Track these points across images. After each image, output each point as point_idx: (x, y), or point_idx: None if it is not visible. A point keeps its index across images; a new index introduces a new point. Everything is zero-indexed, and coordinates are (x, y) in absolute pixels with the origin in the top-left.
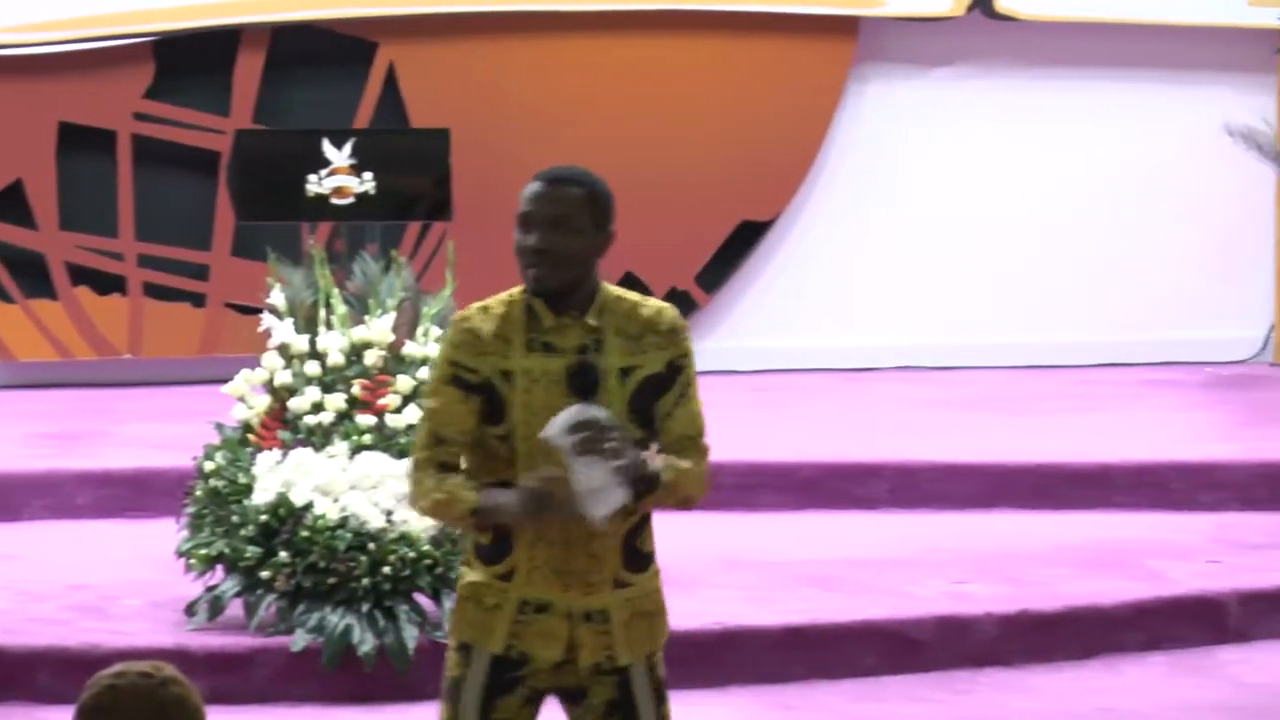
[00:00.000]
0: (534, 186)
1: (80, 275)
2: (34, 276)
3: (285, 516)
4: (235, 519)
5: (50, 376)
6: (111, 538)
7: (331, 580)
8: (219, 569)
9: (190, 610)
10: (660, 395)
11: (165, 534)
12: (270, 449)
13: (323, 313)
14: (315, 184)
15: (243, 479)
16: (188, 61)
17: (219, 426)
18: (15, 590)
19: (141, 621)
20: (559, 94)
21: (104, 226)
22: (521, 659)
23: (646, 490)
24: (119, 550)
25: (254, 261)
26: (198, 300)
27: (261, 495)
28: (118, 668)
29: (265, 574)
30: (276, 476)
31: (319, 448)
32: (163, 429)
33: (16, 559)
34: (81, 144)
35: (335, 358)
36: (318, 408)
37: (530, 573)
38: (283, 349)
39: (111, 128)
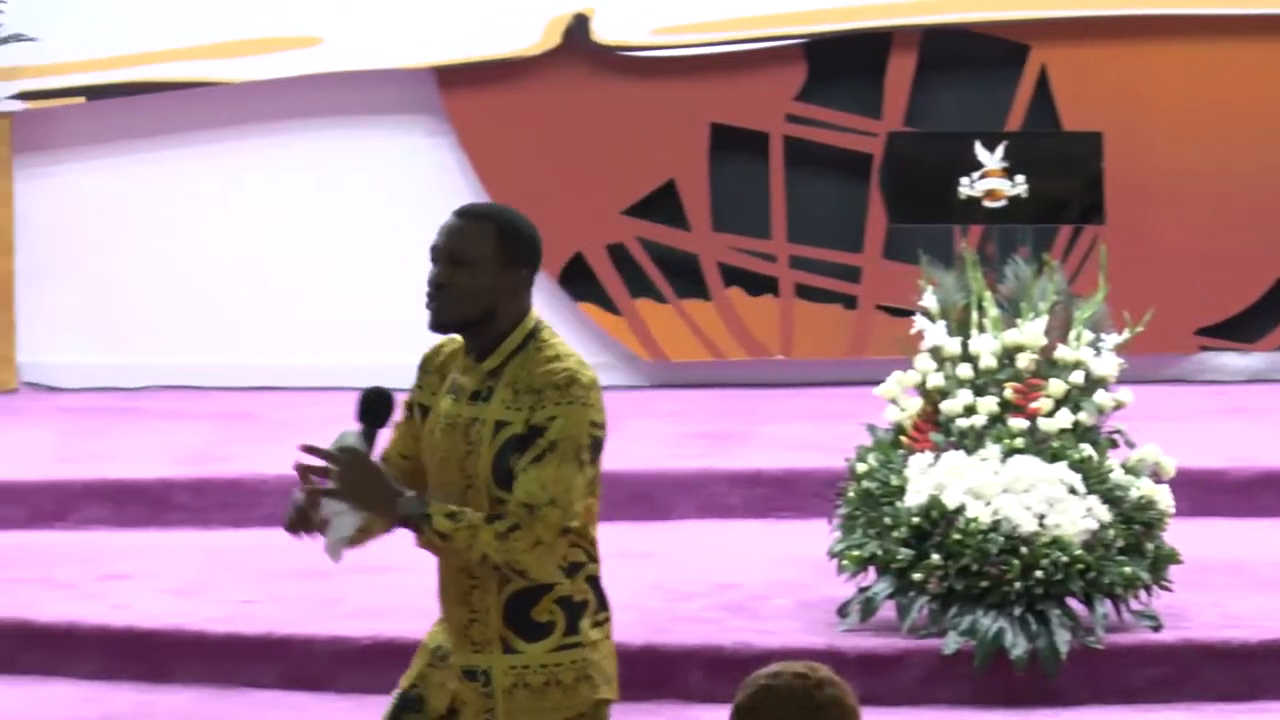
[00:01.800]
0: (447, 219)
1: (733, 276)
2: (687, 277)
3: (937, 519)
4: (887, 521)
5: (702, 376)
6: (760, 537)
7: (983, 583)
8: (870, 570)
9: (843, 611)
10: (516, 455)
11: (812, 534)
12: (922, 451)
13: (975, 316)
14: (967, 187)
15: (895, 481)
16: (839, 63)
17: (871, 428)
18: (665, 589)
19: (792, 621)
20: (1211, 98)
21: (756, 228)
22: (419, 701)
23: (416, 531)
24: (767, 550)
25: (905, 264)
26: (849, 302)
27: (914, 497)
28: (773, 668)
29: (917, 576)
30: (929, 479)
31: (971, 450)
32: (811, 429)
33: (666, 558)
34: (734, 145)
35: (987, 361)
36: (970, 410)
37: (443, 622)
38: (935, 351)
39: (764, 129)
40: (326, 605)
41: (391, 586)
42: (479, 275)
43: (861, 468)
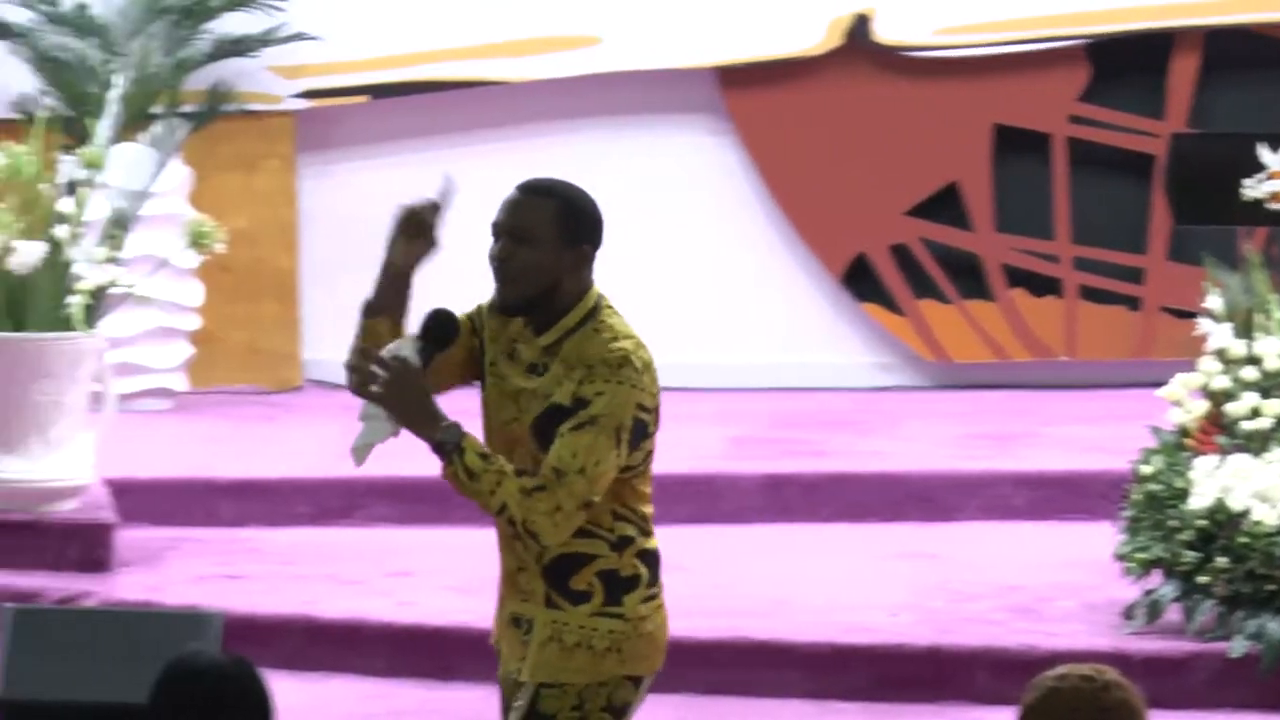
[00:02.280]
0: (508, 194)
1: (1016, 277)
2: (970, 278)
3: (1223, 522)
4: (1173, 523)
5: (985, 377)
6: (1045, 539)
7: (1270, 587)
8: (1156, 573)
9: (1128, 614)
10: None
11: (1098, 536)
12: (1207, 454)
13: (1260, 318)
14: (1251, 188)
15: (1179, 483)
16: (1121, 64)
17: (1155, 430)
18: (950, 590)
19: (1077, 623)
20: None
21: (1039, 229)
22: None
23: (443, 458)
24: (1052, 552)
25: (1189, 265)
26: (1132, 303)
27: (1199, 500)
28: (1060, 670)
29: (1203, 579)
30: (1214, 482)
31: (1257, 453)
32: (1095, 431)
33: (951, 559)
34: (1017, 146)
35: (1273, 363)
36: (1255, 413)
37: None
38: (1220, 354)
39: (1046, 130)
40: None
41: (678, 585)
42: (540, 251)
43: (1146, 470)
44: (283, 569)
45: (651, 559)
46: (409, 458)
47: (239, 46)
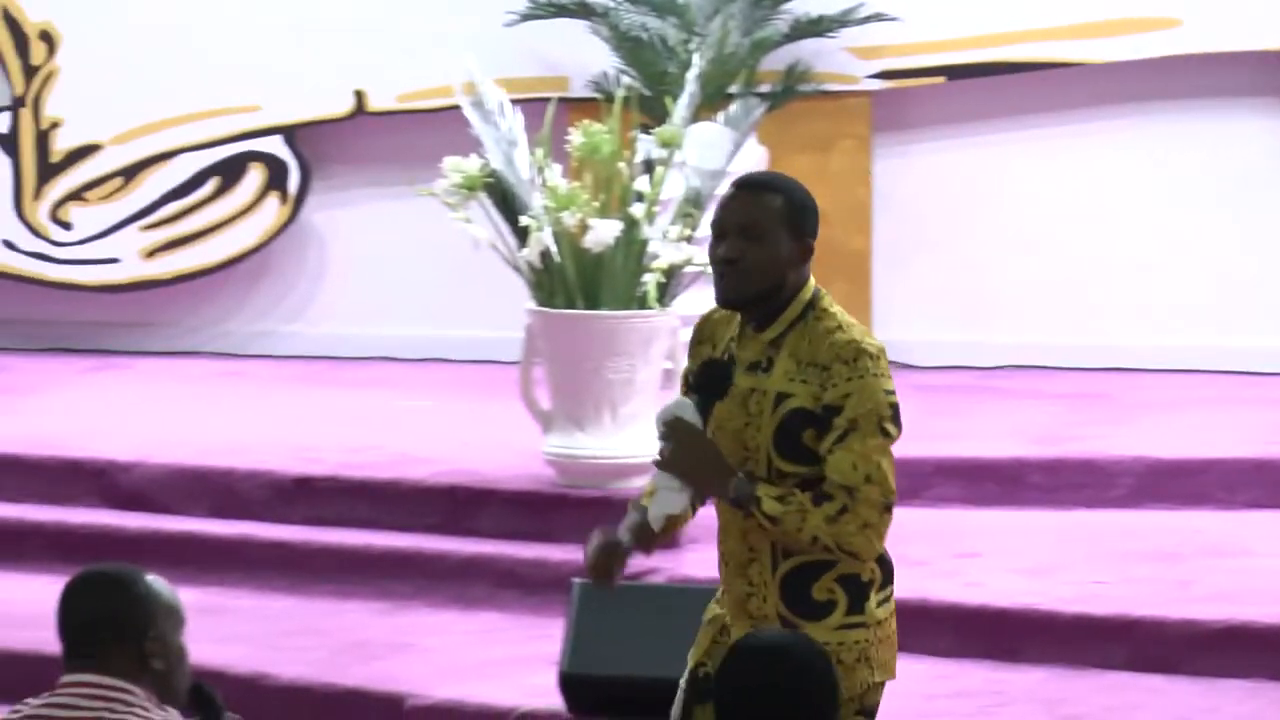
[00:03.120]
0: (729, 192)
1: None
2: None
3: None
4: None
5: None
6: None
7: None
8: None
9: None
10: (809, 431)
11: None
12: None
13: None
14: None
15: None
16: None
17: None
18: None
19: None
20: None
21: None
22: (709, 679)
23: (744, 513)
24: None
25: None
26: None
27: None
28: None
29: None
30: None
31: None
32: None
33: None
34: None
35: None
36: None
37: (724, 595)
38: None
39: None
40: (1179, 587)
41: (1246, 570)
42: (771, 247)
43: None
44: None
45: (883, 559)
46: (971, 438)
47: (817, 27)
